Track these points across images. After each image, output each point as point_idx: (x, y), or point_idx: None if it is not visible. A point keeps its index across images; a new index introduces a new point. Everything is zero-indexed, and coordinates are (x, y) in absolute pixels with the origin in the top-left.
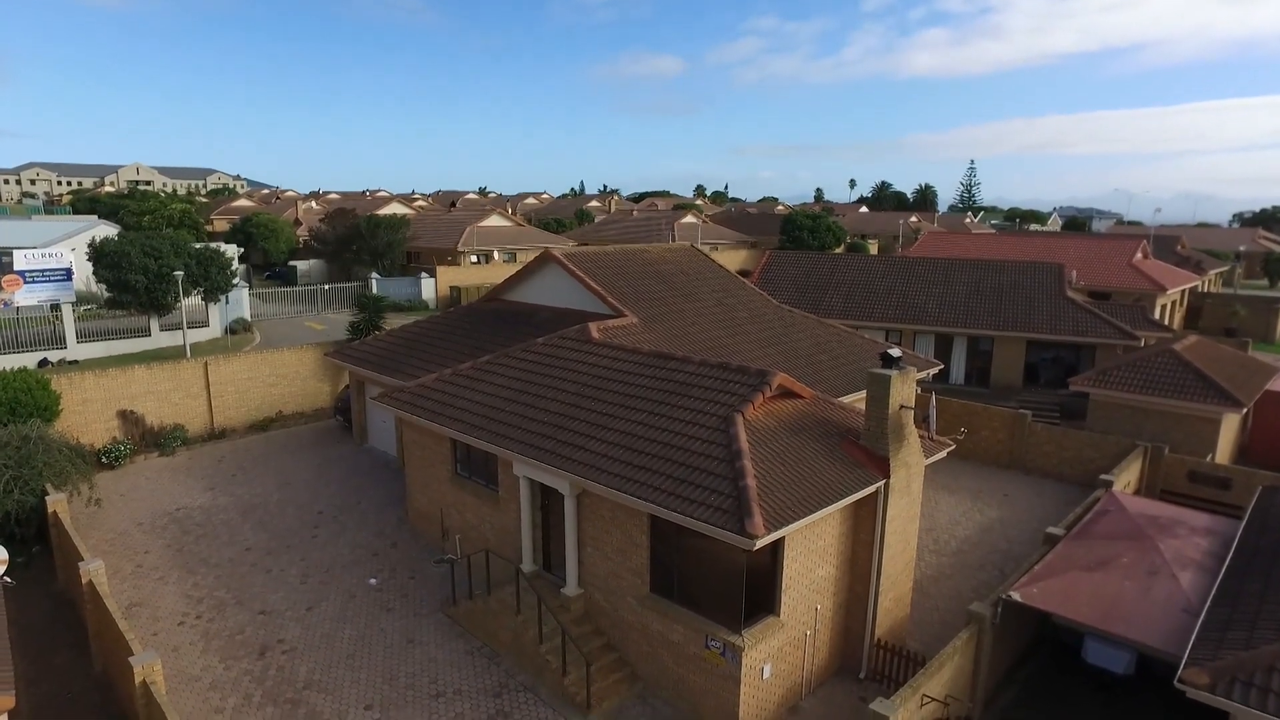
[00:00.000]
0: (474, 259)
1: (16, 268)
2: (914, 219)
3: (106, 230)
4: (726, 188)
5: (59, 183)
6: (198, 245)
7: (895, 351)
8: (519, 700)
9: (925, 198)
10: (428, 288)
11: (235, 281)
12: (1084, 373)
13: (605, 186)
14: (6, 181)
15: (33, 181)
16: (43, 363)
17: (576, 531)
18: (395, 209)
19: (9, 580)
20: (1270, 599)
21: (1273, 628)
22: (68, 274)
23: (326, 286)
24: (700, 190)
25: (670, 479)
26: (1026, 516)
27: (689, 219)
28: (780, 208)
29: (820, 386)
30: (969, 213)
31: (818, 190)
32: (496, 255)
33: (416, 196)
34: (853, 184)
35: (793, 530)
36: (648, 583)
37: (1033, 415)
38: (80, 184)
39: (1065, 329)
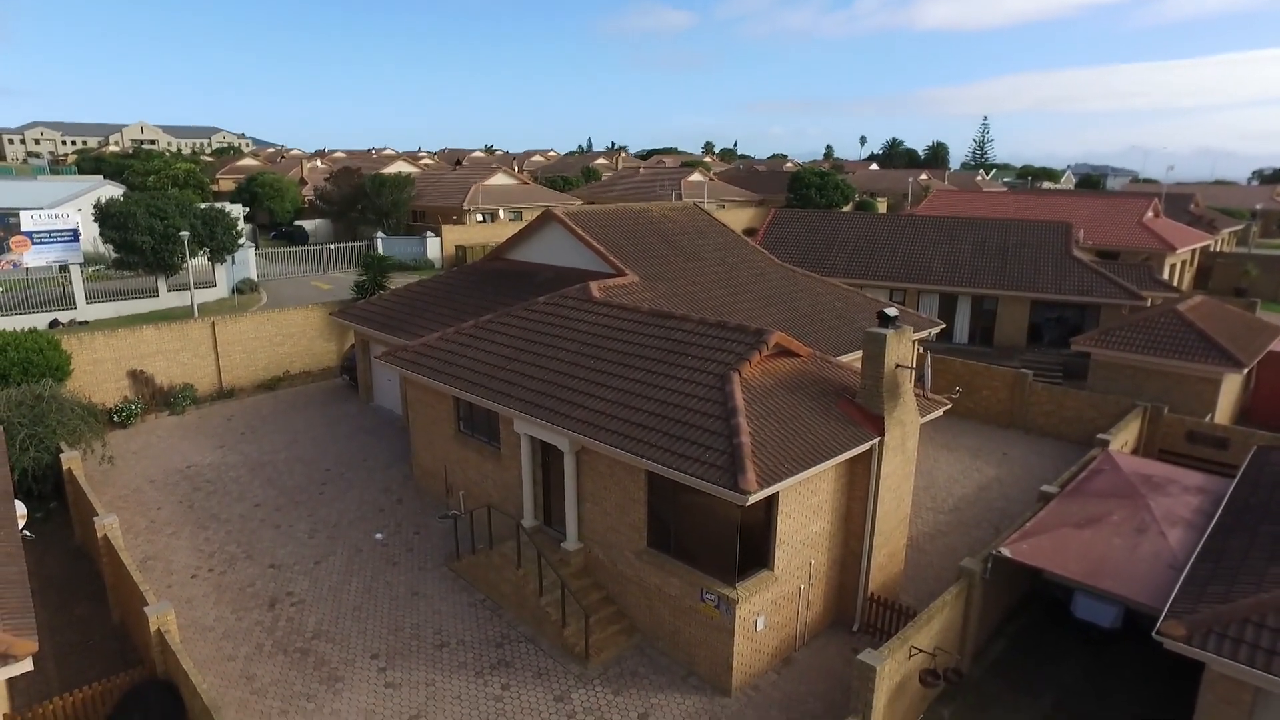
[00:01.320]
0: (479, 218)
1: (24, 229)
2: (924, 176)
3: (112, 191)
4: (736, 144)
5: (63, 142)
6: (203, 205)
7: (892, 310)
8: (520, 650)
9: (937, 155)
10: (433, 247)
11: (241, 241)
12: (1087, 332)
13: (613, 144)
14: (11, 141)
15: (37, 141)
16: (53, 323)
17: (576, 487)
18: (401, 167)
19: (28, 534)
20: (1253, 555)
21: (1252, 582)
22: (75, 235)
23: (332, 246)
24: (709, 147)
25: (667, 436)
26: (1024, 475)
27: (695, 176)
28: (789, 165)
29: (820, 345)
30: (981, 170)
31: (828, 147)
32: (502, 214)
33: (422, 155)
34: (863, 141)
35: (786, 486)
36: (645, 537)
37: (1035, 375)
38: (85, 143)
39: (1070, 289)
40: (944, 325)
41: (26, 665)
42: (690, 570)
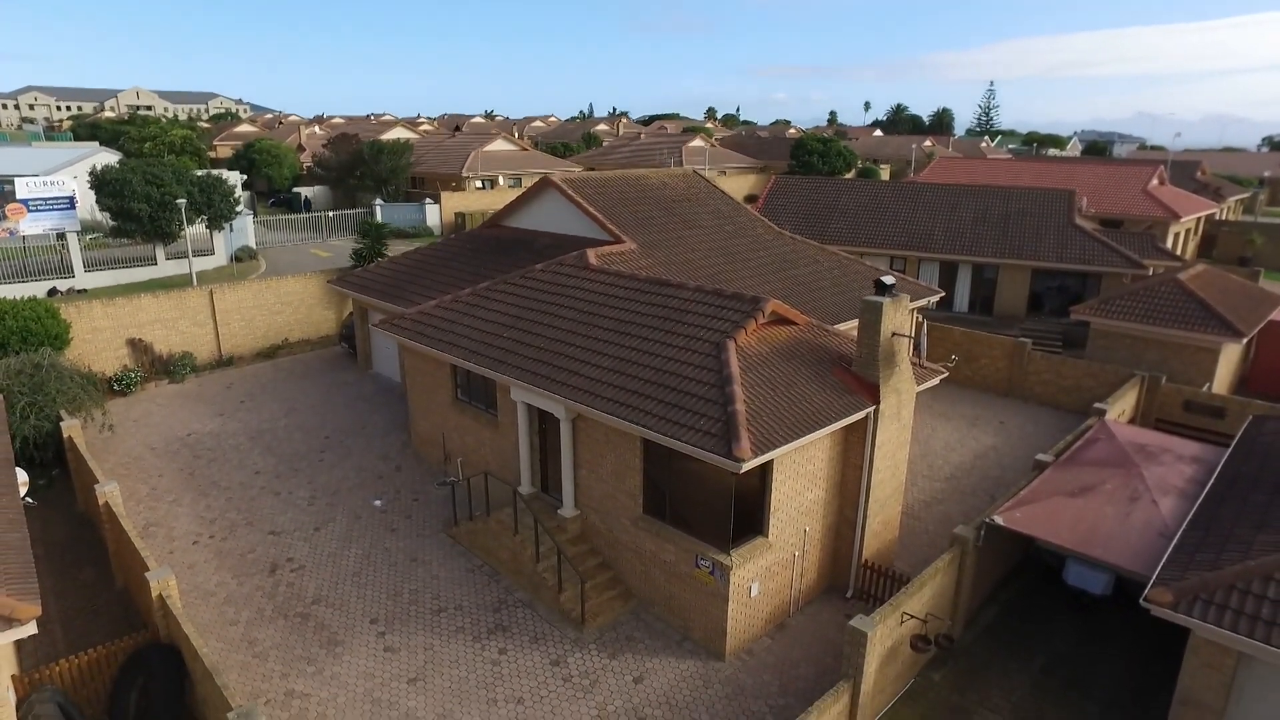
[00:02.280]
0: (479, 184)
1: (19, 196)
2: (928, 143)
3: (108, 157)
4: (738, 110)
5: (58, 107)
6: (200, 172)
7: (889, 279)
8: (517, 615)
9: (942, 121)
10: (432, 214)
11: (239, 209)
12: (1087, 301)
13: (614, 109)
14: (4, 106)
15: (31, 106)
16: (51, 292)
17: (572, 455)
18: (399, 133)
19: (31, 501)
20: (1241, 523)
21: (1239, 550)
22: (71, 202)
23: (331, 213)
24: (711, 113)
25: (662, 403)
26: (1021, 444)
27: (697, 143)
28: (792, 131)
29: (818, 314)
30: (986, 137)
31: (831, 113)
32: (501, 180)
33: (421, 120)
34: (867, 106)
35: (780, 454)
36: (641, 504)
37: (1035, 344)
38: (80, 109)
39: (1071, 257)
40: (943, 294)
41: (30, 628)
42: (685, 537)
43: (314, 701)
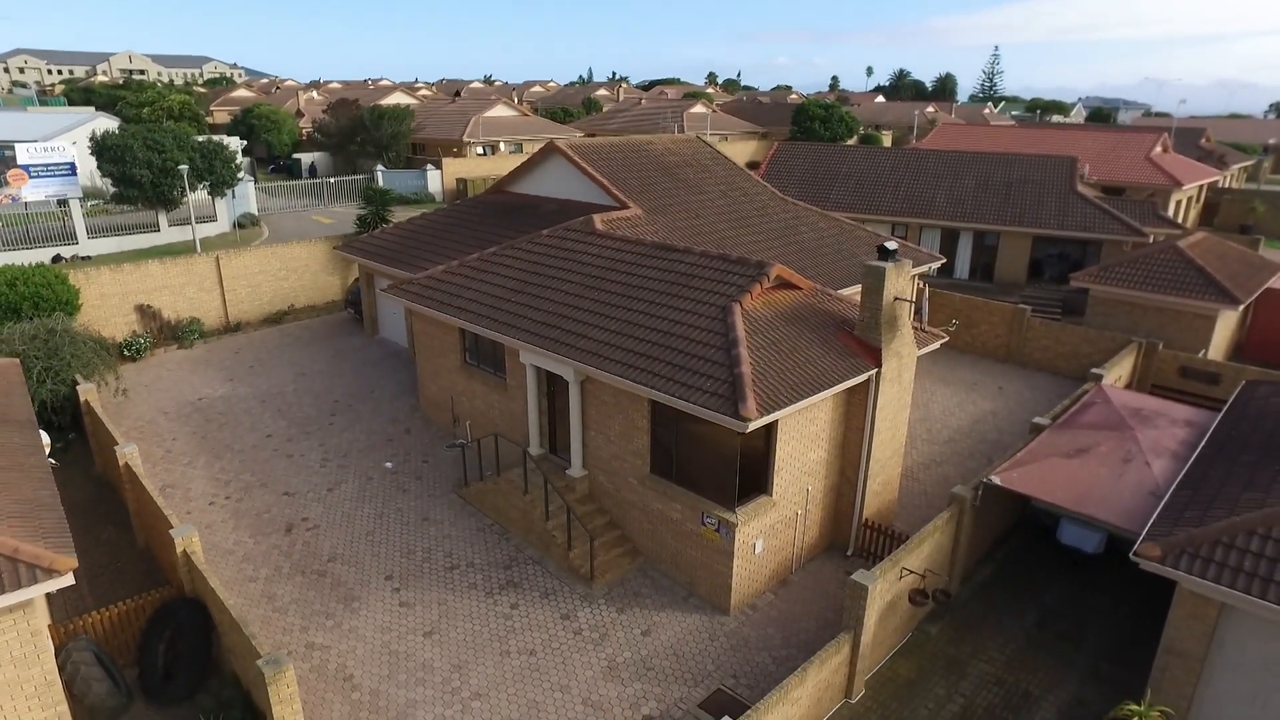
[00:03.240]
0: (480, 150)
1: (20, 162)
2: (931, 109)
3: (107, 123)
4: (739, 75)
5: (49, 71)
6: (200, 138)
7: (891, 244)
8: (528, 572)
9: (945, 87)
10: (434, 180)
11: (240, 175)
12: (1087, 268)
13: (614, 74)
14: None
15: (21, 70)
16: (56, 259)
17: (581, 416)
18: (398, 99)
19: (54, 462)
20: (1229, 483)
21: (1226, 508)
22: (72, 169)
23: (332, 179)
24: (712, 78)
25: (670, 365)
26: (1019, 408)
27: (698, 108)
28: (794, 97)
29: (821, 279)
30: (989, 103)
31: (833, 79)
32: (502, 146)
33: (420, 85)
34: (869, 72)
35: (784, 415)
36: (648, 464)
37: (1035, 310)
38: (71, 73)
39: (1072, 224)
40: (944, 260)
41: (68, 579)
42: (692, 495)
43: (334, 653)
